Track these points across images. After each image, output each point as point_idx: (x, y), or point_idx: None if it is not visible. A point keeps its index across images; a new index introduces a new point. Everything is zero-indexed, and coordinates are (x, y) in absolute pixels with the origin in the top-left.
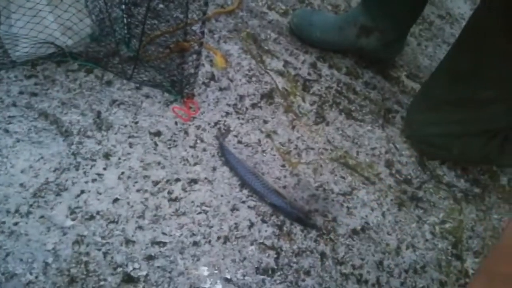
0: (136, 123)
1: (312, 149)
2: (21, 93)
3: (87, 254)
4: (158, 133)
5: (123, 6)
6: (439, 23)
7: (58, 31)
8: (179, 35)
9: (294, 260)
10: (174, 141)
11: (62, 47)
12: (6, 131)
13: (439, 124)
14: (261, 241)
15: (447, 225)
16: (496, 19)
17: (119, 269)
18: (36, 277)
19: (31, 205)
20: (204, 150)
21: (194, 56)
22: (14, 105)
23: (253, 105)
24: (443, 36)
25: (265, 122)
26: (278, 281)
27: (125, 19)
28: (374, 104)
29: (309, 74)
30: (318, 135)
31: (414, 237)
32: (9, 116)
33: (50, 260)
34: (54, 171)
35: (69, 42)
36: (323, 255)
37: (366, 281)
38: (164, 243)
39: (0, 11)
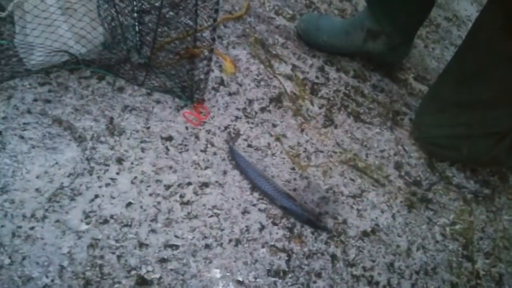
0: (148, 128)
1: (321, 152)
2: (35, 100)
3: (102, 257)
4: (169, 138)
5: (135, 14)
6: (446, 25)
7: (72, 39)
8: (189, 41)
9: (305, 262)
10: (185, 145)
11: (76, 55)
12: (21, 137)
13: (447, 126)
14: (272, 243)
15: (457, 227)
16: (495, 19)
17: (133, 272)
18: (52, 281)
19: (46, 210)
20: (215, 154)
21: (205, 62)
22: (29, 112)
23: (262, 109)
24: (450, 38)
25: (274, 125)
26: (289, 283)
27: (136, 27)
28: (382, 107)
29: (317, 77)
30: (327, 138)
31: (425, 239)
32: (24, 123)
33: (65, 263)
34: (69, 176)
35: (83, 50)
36: (334, 257)
37: (377, 283)
38: (177, 246)
39: (16, 21)
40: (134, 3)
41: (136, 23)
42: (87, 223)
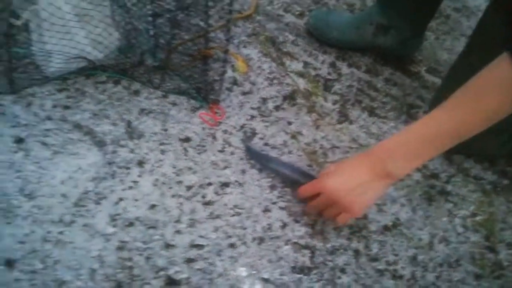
0: (166, 130)
1: (338, 148)
2: (54, 106)
3: (130, 259)
4: (187, 139)
5: (150, 18)
6: (455, 16)
7: (89, 46)
8: (201, 43)
9: (329, 258)
10: (203, 146)
11: (93, 61)
12: (44, 144)
13: None
14: (295, 240)
15: (478, 218)
16: (497, 18)
17: (162, 273)
18: (85, 284)
19: (73, 214)
20: (232, 153)
21: (219, 63)
22: (49, 118)
23: (277, 107)
24: (461, 29)
25: (289, 123)
26: (314, 280)
27: (150, 31)
28: (396, 101)
29: (329, 73)
30: (342, 134)
31: (446, 231)
32: (45, 129)
33: (96, 266)
34: (92, 180)
35: (100, 56)
36: (356, 252)
37: (401, 277)
38: (202, 246)
39: (33, 30)
40: (148, 7)
41: (150, 27)
42: (114, 226)
